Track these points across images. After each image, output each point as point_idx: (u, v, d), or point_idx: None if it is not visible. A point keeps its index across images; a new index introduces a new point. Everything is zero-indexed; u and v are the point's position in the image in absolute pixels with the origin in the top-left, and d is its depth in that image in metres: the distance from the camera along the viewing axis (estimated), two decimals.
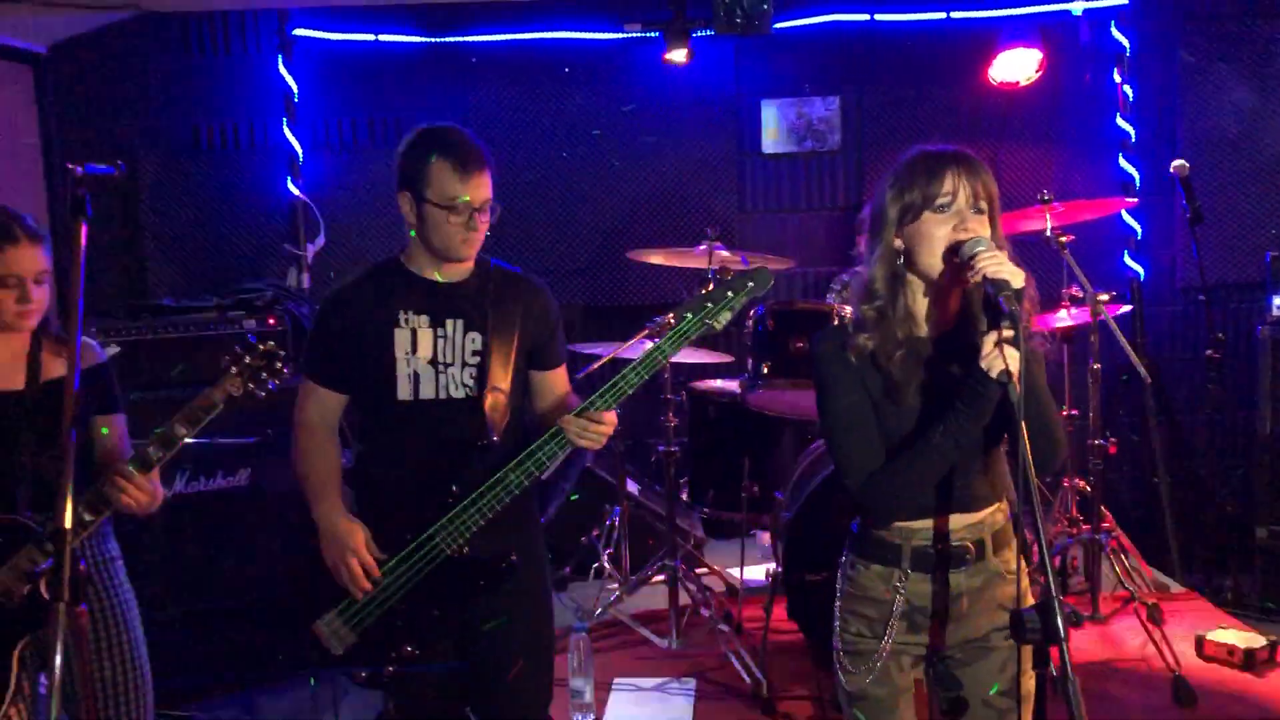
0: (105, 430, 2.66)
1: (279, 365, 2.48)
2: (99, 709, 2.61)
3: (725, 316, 2.51)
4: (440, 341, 2.62)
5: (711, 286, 2.52)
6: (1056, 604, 1.79)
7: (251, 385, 2.47)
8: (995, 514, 2.24)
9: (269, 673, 4.19)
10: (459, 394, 2.62)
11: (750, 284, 2.52)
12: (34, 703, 2.58)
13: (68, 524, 1.94)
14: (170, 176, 5.58)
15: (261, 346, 2.47)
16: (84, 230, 2.04)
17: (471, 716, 2.80)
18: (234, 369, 2.47)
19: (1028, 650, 2.25)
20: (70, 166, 2.08)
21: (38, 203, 5.26)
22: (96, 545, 2.66)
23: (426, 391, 2.61)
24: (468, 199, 2.54)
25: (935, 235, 2.10)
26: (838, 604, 2.32)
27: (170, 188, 5.58)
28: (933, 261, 2.11)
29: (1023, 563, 2.28)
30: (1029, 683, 2.22)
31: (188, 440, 2.51)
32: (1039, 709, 2.03)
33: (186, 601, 4.10)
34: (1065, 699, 1.76)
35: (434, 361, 2.61)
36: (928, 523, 2.20)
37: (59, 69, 5.44)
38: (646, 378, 2.50)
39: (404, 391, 2.61)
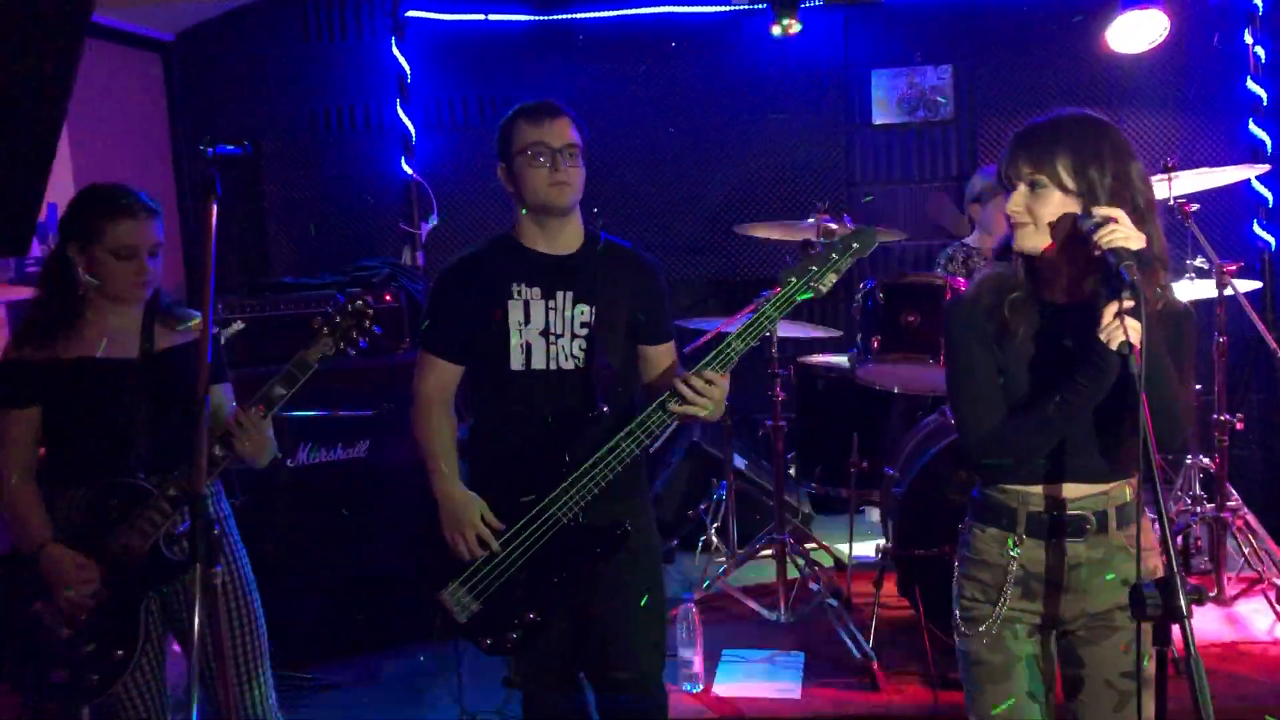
0: (219, 402, 2.77)
1: (368, 324, 2.56)
2: (220, 658, 2.72)
3: (830, 279, 2.50)
4: (551, 313, 2.66)
5: (817, 250, 2.51)
6: (1179, 579, 1.75)
7: (343, 344, 2.55)
8: (1122, 488, 2.20)
9: (390, 638, 4.34)
10: (568, 365, 2.67)
11: (855, 245, 2.50)
12: (159, 657, 2.72)
13: (202, 488, 2.06)
14: (290, 158, 5.77)
15: (350, 306, 2.55)
16: (214, 208, 2.13)
17: (585, 682, 2.87)
18: (325, 329, 2.56)
19: (1149, 631, 2.21)
20: (201, 148, 2.18)
21: (165, 183, 5.49)
22: (212, 505, 2.77)
23: (538, 362, 2.67)
24: (545, 140, 2.60)
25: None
26: (956, 568, 2.33)
27: (290, 169, 5.78)
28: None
29: (1154, 542, 2.25)
30: (1151, 665, 2.18)
31: (304, 412, 2.61)
32: (1160, 688, 1.98)
33: (308, 569, 4.25)
34: (1188, 677, 1.72)
35: (545, 333, 2.66)
36: (1046, 488, 2.18)
37: (185, 56, 5.67)
38: (754, 343, 2.51)
39: (516, 362, 2.66)
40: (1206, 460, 4.53)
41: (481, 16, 5.67)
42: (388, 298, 4.58)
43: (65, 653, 2.56)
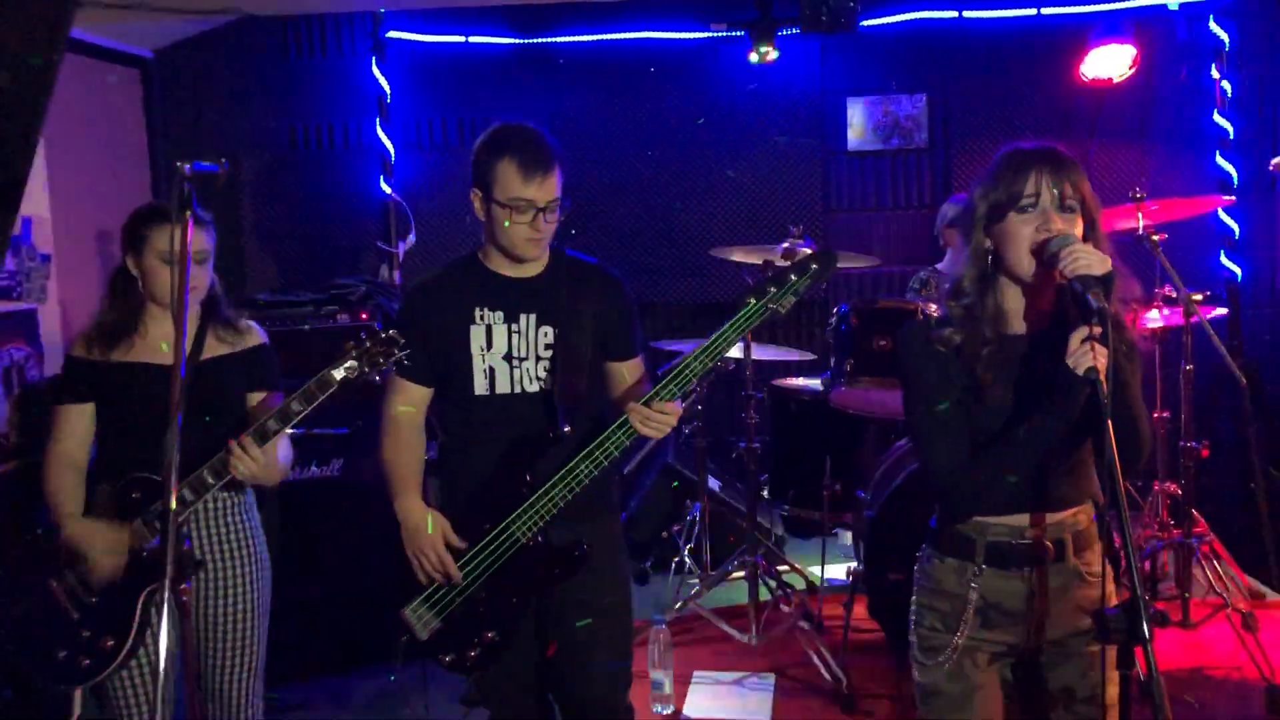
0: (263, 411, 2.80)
1: (396, 352, 2.57)
2: (214, 666, 2.80)
3: (789, 300, 2.50)
4: (514, 337, 2.67)
5: (775, 272, 2.52)
6: (1142, 604, 1.78)
7: (366, 369, 2.57)
8: (1078, 515, 2.21)
9: (360, 657, 4.31)
10: (533, 387, 2.67)
11: (814, 267, 2.50)
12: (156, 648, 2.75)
13: (173, 504, 2.08)
14: (268, 175, 5.78)
15: (383, 334, 2.57)
16: (190, 224, 2.15)
17: (552, 702, 2.86)
18: (354, 351, 2.57)
19: (1111, 657, 2.23)
20: (178, 164, 2.19)
21: (142, 200, 5.47)
22: (241, 514, 2.86)
23: (502, 386, 2.67)
24: (531, 199, 2.56)
25: (1020, 235, 2.10)
26: (914, 597, 2.32)
27: (268, 186, 5.80)
28: (1019, 261, 2.11)
29: (1109, 567, 2.26)
30: (1112, 690, 2.20)
31: (289, 430, 2.62)
32: (1124, 711, 2.00)
33: (280, 587, 4.21)
34: (1151, 701, 1.74)
35: (508, 357, 2.66)
36: (1005, 518, 2.18)
37: (165, 72, 5.68)
38: (711, 365, 2.51)
39: (480, 387, 2.66)
40: (1173, 486, 4.58)
41: (462, 39, 5.71)
42: (364, 316, 4.58)
43: (67, 633, 2.66)
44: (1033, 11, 5.48)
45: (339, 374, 2.56)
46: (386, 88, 5.72)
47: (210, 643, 2.79)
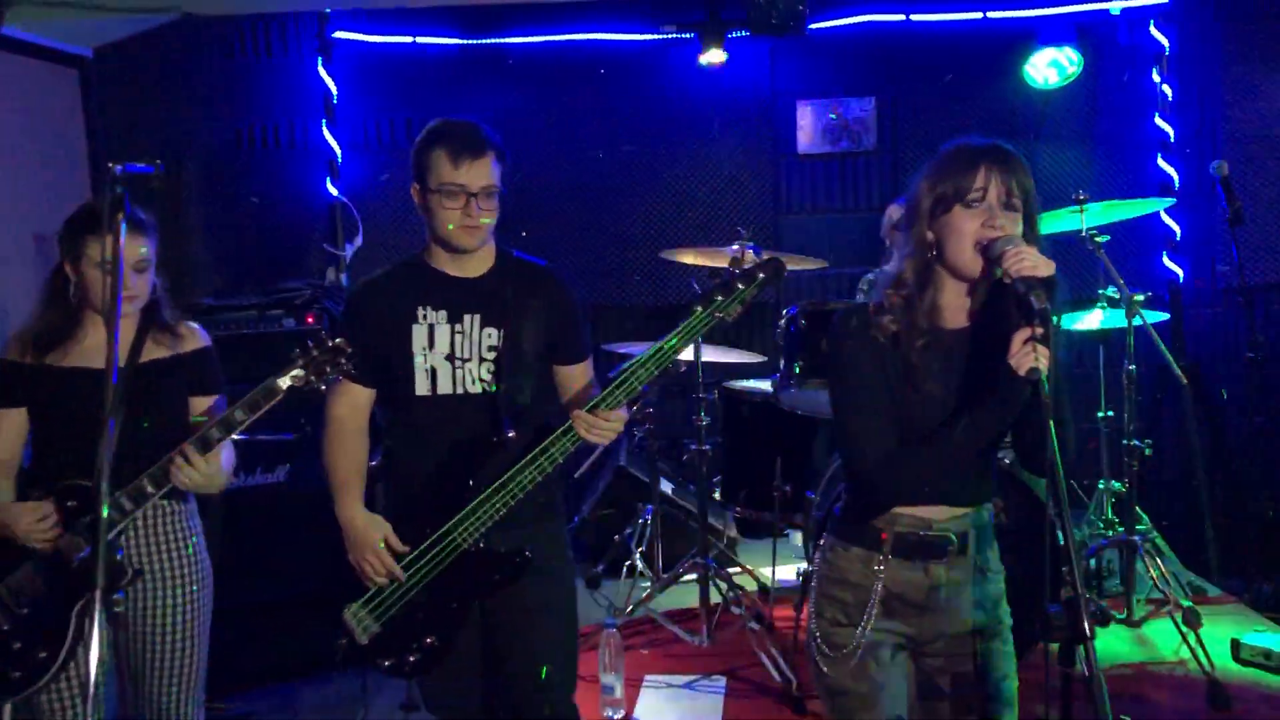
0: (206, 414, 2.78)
1: (343, 361, 2.53)
2: (153, 675, 2.74)
3: (736, 309, 2.47)
4: (458, 337, 2.64)
5: (723, 280, 2.50)
6: (1082, 601, 1.79)
7: (313, 378, 2.53)
8: (982, 511, 2.23)
9: (307, 665, 4.26)
10: (475, 389, 2.64)
11: (761, 276, 2.47)
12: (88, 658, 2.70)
13: (105, 511, 2.04)
14: (213, 177, 5.70)
15: (330, 342, 2.53)
16: (122, 227, 2.10)
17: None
18: (301, 360, 2.53)
19: (1010, 655, 2.26)
20: (110, 165, 2.14)
21: (81, 202, 5.37)
22: (182, 521, 2.80)
23: (444, 387, 2.64)
24: (462, 183, 2.55)
25: (964, 230, 2.09)
26: (813, 589, 2.31)
27: (213, 188, 5.71)
28: (961, 256, 2.10)
29: (1002, 566, 2.28)
30: (1012, 685, 2.22)
31: (236, 435, 2.58)
32: (1065, 708, 2.02)
33: (226, 595, 4.15)
34: (1091, 697, 1.76)
35: (451, 357, 2.64)
36: (915, 510, 2.19)
37: (105, 72, 5.56)
38: (656, 373, 2.48)
39: (422, 387, 2.64)
40: (1118, 485, 4.64)
41: (410, 39, 5.66)
42: (310, 319, 4.53)
43: None
44: (979, 15, 5.54)
45: (285, 382, 2.52)
46: (333, 88, 5.66)
47: (149, 652, 2.74)
